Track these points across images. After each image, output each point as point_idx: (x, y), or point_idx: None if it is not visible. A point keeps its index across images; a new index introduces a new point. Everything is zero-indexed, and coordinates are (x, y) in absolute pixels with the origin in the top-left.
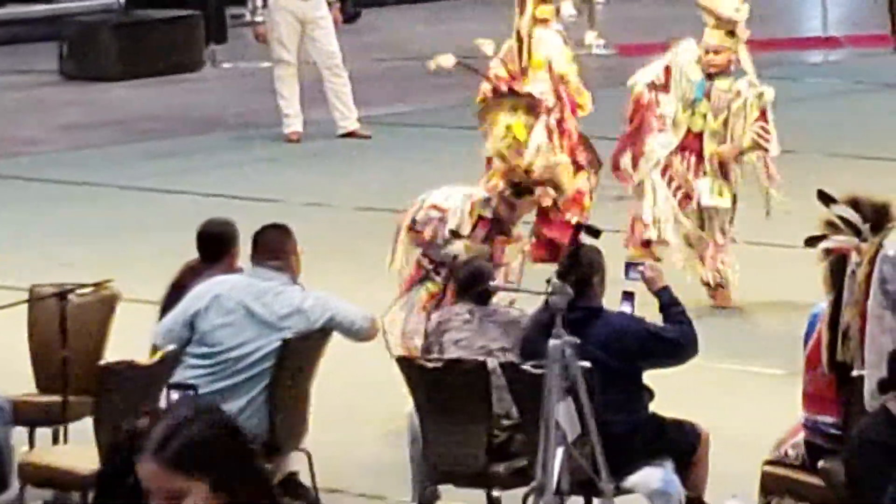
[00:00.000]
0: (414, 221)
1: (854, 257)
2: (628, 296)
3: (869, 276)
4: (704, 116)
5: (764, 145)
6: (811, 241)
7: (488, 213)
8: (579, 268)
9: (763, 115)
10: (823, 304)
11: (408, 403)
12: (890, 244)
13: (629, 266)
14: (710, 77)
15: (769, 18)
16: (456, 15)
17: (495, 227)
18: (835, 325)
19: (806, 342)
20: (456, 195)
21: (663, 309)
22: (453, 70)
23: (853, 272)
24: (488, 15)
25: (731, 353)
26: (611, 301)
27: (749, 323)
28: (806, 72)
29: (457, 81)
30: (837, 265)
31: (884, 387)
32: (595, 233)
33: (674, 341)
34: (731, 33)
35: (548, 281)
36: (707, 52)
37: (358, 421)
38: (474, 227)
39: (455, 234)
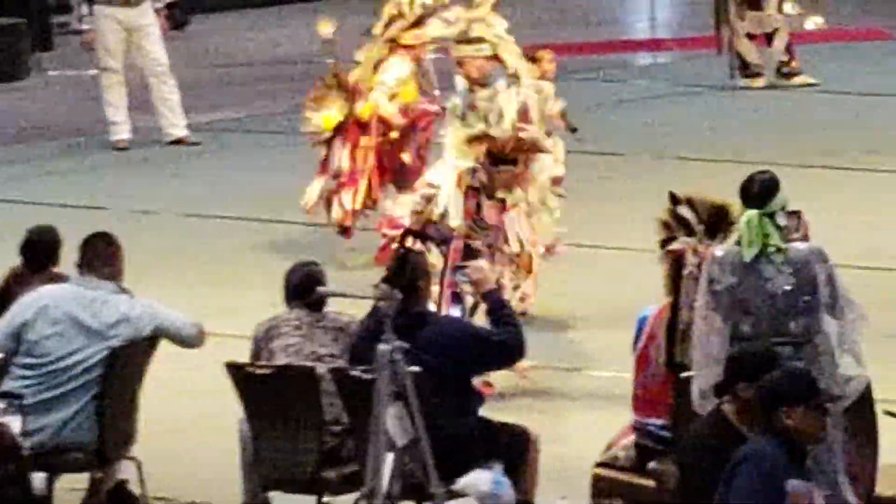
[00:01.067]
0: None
1: (690, 258)
2: (457, 298)
3: None
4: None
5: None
6: (663, 244)
7: (475, 183)
8: (406, 273)
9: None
10: (651, 307)
11: (238, 410)
12: (719, 245)
13: (456, 269)
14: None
15: (597, 21)
16: (283, 21)
17: (483, 192)
18: (673, 326)
19: (635, 345)
20: (445, 169)
21: (490, 312)
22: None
23: (690, 273)
24: (313, 21)
25: (561, 356)
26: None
27: (579, 325)
28: (633, 74)
29: (285, 88)
30: (676, 266)
31: (719, 390)
32: (425, 238)
33: (501, 344)
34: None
35: (375, 286)
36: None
37: (188, 428)
38: (466, 196)
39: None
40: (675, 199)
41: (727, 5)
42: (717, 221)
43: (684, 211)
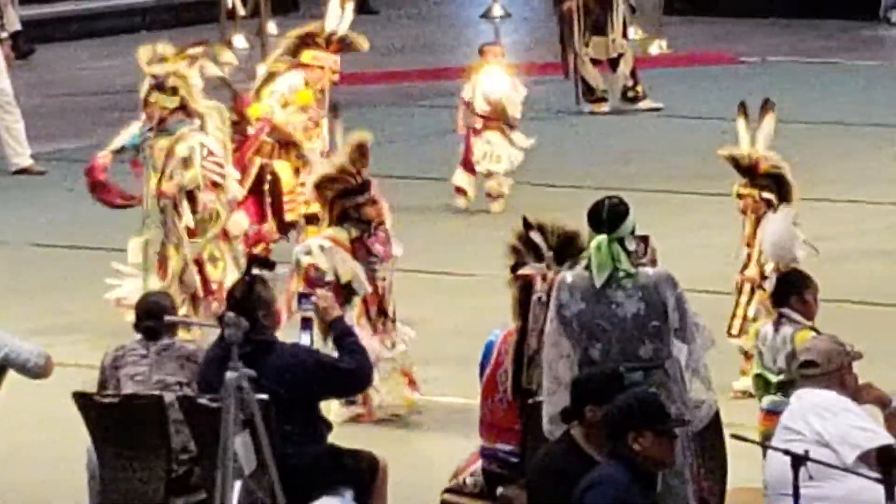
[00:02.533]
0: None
1: (539, 284)
2: (307, 324)
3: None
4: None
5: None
6: (514, 268)
7: (354, 233)
8: (253, 301)
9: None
10: (498, 332)
11: (86, 440)
12: (568, 271)
13: (301, 297)
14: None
15: (442, 48)
16: (129, 49)
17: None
18: (520, 351)
19: (482, 370)
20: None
21: (336, 339)
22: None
23: (539, 299)
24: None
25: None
26: None
27: (428, 351)
28: None
29: (130, 116)
30: (524, 292)
31: (567, 415)
32: (269, 265)
33: (347, 371)
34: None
35: (220, 316)
36: None
37: (36, 458)
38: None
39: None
40: (527, 225)
41: (572, 31)
42: (565, 247)
43: (535, 236)
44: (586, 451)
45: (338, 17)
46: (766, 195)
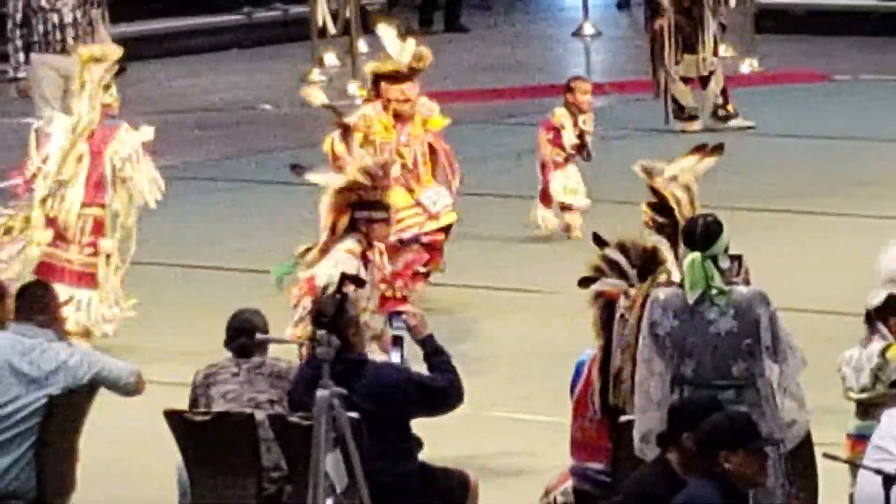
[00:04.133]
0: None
1: (622, 301)
2: (397, 342)
3: (639, 319)
4: None
5: None
6: (584, 283)
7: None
8: (344, 319)
9: None
10: (589, 351)
11: (177, 457)
12: (661, 288)
13: (392, 315)
14: None
15: (534, 66)
16: (219, 68)
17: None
18: (606, 369)
19: (573, 389)
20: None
21: (427, 357)
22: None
23: (622, 316)
24: (250, 68)
25: (499, 401)
26: None
27: (516, 370)
28: None
29: (224, 135)
30: (607, 310)
31: (662, 439)
32: (360, 283)
33: (439, 390)
34: None
35: (312, 335)
36: None
37: (127, 476)
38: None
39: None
40: (600, 242)
41: (663, 49)
42: (647, 264)
43: (615, 254)
44: (681, 476)
45: (399, 50)
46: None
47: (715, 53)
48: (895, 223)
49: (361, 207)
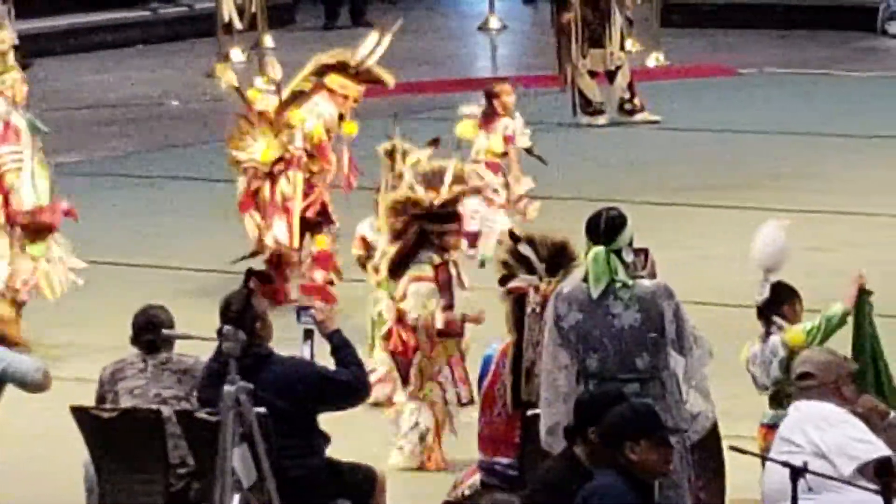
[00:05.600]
0: None
1: (533, 296)
2: (307, 336)
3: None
4: None
5: None
6: (502, 282)
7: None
8: (250, 314)
9: None
10: (496, 345)
11: (84, 454)
12: (566, 282)
13: (300, 310)
14: None
15: (440, 61)
16: (125, 64)
17: None
18: (518, 364)
19: (480, 383)
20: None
21: (334, 352)
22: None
23: (533, 311)
24: (156, 64)
25: None
26: None
27: None
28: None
29: (131, 131)
30: (518, 305)
31: (569, 433)
32: (266, 278)
33: (346, 384)
34: None
35: (219, 330)
36: None
37: (34, 473)
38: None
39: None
40: (515, 238)
41: (569, 43)
42: (557, 258)
43: (525, 249)
44: (588, 469)
45: (371, 48)
46: None
47: (622, 47)
48: (803, 216)
49: (430, 220)
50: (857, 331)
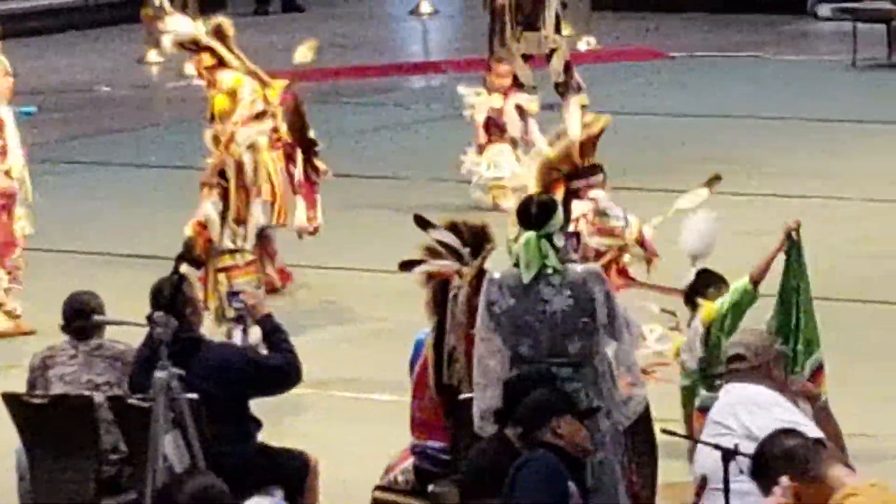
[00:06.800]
0: None
1: (455, 281)
2: (239, 321)
3: (470, 298)
4: None
5: None
6: (406, 266)
7: None
8: (181, 300)
9: None
10: (427, 331)
11: (15, 441)
12: (495, 267)
13: (231, 295)
14: None
15: (372, 45)
16: (56, 50)
17: None
18: (440, 348)
19: (412, 368)
20: None
21: (266, 337)
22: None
23: (455, 296)
24: (88, 50)
25: (341, 381)
26: None
27: (357, 349)
28: (409, 97)
29: (63, 117)
30: (440, 290)
31: (499, 416)
32: (196, 263)
33: (277, 368)
34: None
35: (149, 316)
36: None
37: None
38: None
39: None
40: (423, 223)
41: (503, 27)
42: (479, 242)
43: (447, 235)
44: (520, 451)
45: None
46: None
47: (557, 31)
48: (733, 199)
49: (578, 176)
50: (783, 283)
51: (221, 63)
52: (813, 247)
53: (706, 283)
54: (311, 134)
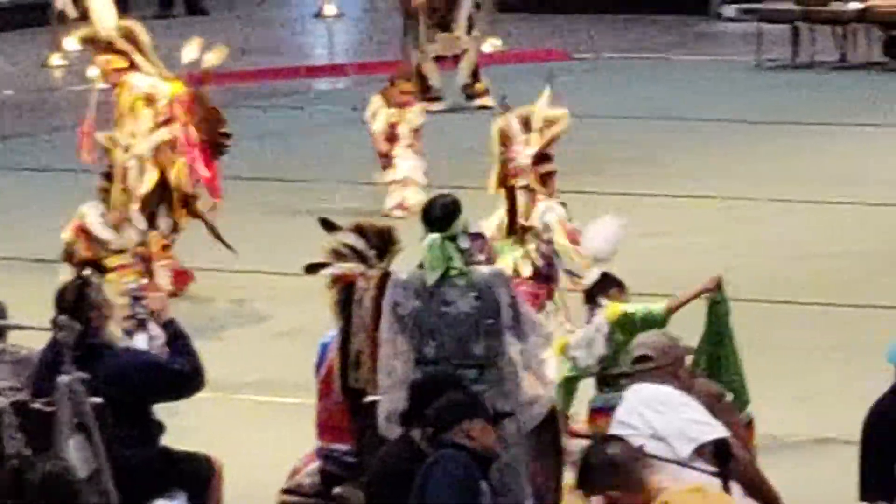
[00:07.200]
0: None
1: (361, 283)
2: (141, 325)
3: (376, 300)
4: None
5: None
6: (312, 269)
7: None
8: (86, 304)
9: None
10: (332, 333)
11: None
12: (399, 268)
13: (134, 300)
14: None
15: (277, 48)
16: None
17: None
18: (345, 351)
19: (317, 371)
20: None
21: (170, 341)
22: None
23: (361, 298)
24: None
25: (246, 384)
26: None
27: (263, 352)
28: (314, 100)
29: None
30: (346, 292)
31: (405, 417)
32: (100, 269)
33: (180, 373)
34: None
35: (54, 320)
36: None
37: None
38: None
39: None
40: (329, 226)
41: (417, 28)
42: (384, 244)
43: (352, 238)
44: (426, 451)
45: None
46: None
47: (469, 32)
48: (640, 199)
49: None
50: (705, 336)
51: (132, 66)
52: (718, 247)
53: (609, 284)
54: (224, 129)
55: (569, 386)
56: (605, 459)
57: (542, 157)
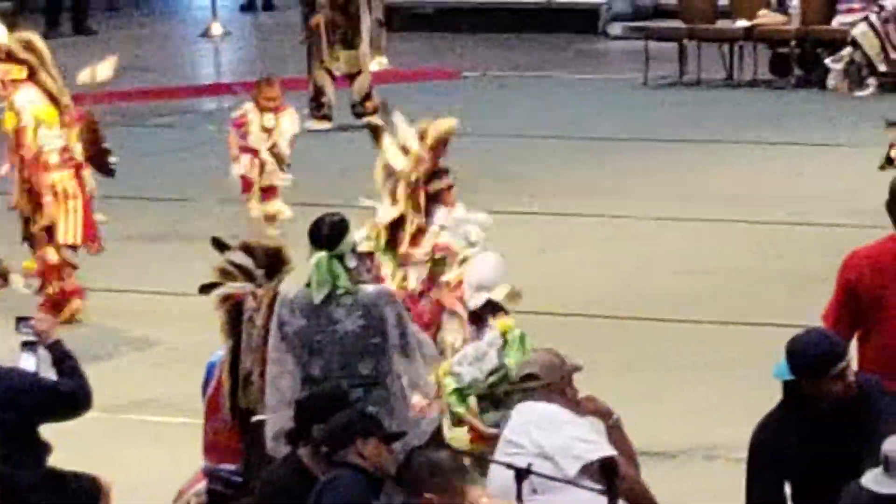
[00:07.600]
0: None
1: (250, 303)
2: (30, 347)
3: (267, 320)
4: None
5: None
6: (205, 289)
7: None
8: None
9: None
10: (220, 352)
11: None
12: (288, 287)
13: (20, 321)
14: None
15: (164, 67)
16: None
17: None
18: (235, 371)
19: (205, 391)
20: None
21: (56, 363)
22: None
23: (250, 318)
24: None
25: (133, 404)
26: None
27: (150, 373)
28: (200, 119)
29: None
30: (234, 312)
31: (291, 436)
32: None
33: (67, 394)
34: None
35: None
36: None
37: None
38: None
39: None
40: (220, 245)
41: (320, 46)
42: (274, 264)
43: (240, 257)
44: (313, 471)
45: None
46: None
47: (371, 49)
48: (522, 217)
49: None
50: None
51: (32, 76)
52: (603, 265)
53: (496, 307)
54: (109, 153)
55: (460, 395)
56: (429, 462)
57: (434, 174)
